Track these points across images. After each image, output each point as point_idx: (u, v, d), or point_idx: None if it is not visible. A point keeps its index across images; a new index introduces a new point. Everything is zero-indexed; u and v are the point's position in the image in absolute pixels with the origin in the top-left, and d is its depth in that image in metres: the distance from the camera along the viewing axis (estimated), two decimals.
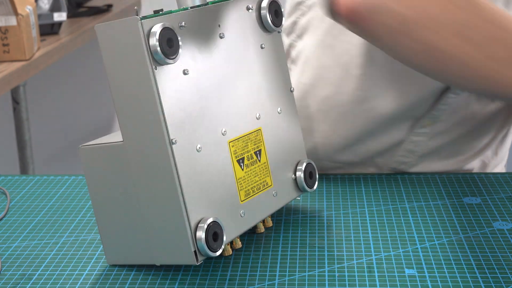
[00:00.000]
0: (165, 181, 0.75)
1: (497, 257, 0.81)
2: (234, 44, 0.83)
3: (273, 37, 0.88)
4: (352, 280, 0.77)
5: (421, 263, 0.80)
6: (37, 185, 1.04)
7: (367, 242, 0.85)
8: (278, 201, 0.87)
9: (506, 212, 0.92)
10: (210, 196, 0.78)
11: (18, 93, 2.15)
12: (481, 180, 1.01)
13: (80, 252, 0.85)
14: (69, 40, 2.17)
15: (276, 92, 0.88)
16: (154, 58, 0.74)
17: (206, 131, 0.78)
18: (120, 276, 0.80)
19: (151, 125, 0.75)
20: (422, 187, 0.99)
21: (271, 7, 0.87)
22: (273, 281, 0.78)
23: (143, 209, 0.77)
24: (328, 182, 1.02)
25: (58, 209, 0.97)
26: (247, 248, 0.85)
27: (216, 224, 0.77)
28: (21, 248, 0.87)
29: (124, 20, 0.73)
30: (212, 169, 0.79)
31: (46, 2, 2.15)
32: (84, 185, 1.04)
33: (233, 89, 0.82)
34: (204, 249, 0.75)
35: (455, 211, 0.92)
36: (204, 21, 0.80)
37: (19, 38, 1.86)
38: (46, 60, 2.00)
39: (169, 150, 0.74)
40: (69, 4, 2.42)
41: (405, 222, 0.90)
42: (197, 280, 0.78)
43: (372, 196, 0.97)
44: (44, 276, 0.80)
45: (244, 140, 0.83)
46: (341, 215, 0.92)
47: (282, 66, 0.89)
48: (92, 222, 0.93)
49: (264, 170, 0.85)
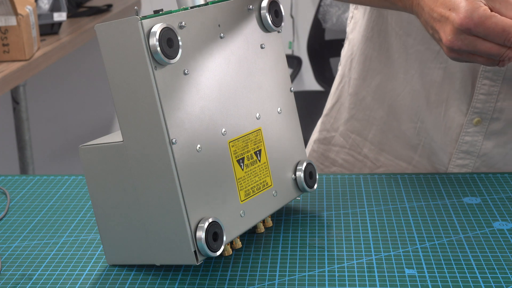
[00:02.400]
0: (165, 181, 0.75)
1: (497, 257, 0.81)
2: (234, 44, 0.83)
3: (273, 37, 0.88)
4: (352, 280, 0.77)
5: (421, 263, 0.80)
6: (37, 185, 1.04)
7: (367, 242, 0.85)
8: (278, 201, 0.87)
9: (506, 212, 0.92)
10: (210, 196, 0.78)
11: (18, 93, 2.15)
12: (481, 180, 1.01)
13: (80, 252, 0.85)
14: (69, 40, 2.17)
15: (276, 92, 0.88)
16: (154, 58, 0.74)
17: (206, 131, 0.78)
18: (120, 276, 0.80)
19: (151, 125, 0.75)
20: (422, 187, 0.99)
21: (271, 7, 0.87)
22: (273, 281, 0.78)
23: (143, 209, 0.77)
24: (328, 182, 1.02)
25: (58, 209, 0.97)
26: (247, 248, 0.85)
27: (216, 224, 0.77)
28: (21, 248, 0.87)
29: (124, 20, 0.73)
30: (212, 169, 0.79)
31: (46, 2, 2.15)
32: (84, 185, 1.04)
33: (233, 89, 0.82)
34: (204, 249, 0.75)
35: (455, 211, 0.92)
36: (204, 21, 0.80)
37: (19, 38, 1.86)
38: (46, 60, 2.00)
39: (169, 150, 0.74)
40: (69, 4, 2.42)
41: (405, 222, 0.90)
42: (197, 280, 0.78)
43: (372, 196, 0.97)
44: (44, 276, 0.80)
45: (244, 140, 0.83)
46: (341, 215, 0.92)
47: (282, 66, 0.89)
48: (92, 222, 0.93)
49: (264, 170, 0.85)
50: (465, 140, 1.06)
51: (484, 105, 1.04)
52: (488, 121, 1.05)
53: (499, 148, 1.06)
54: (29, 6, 1.92)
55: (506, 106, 1.04)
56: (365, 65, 1.12)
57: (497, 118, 1.05)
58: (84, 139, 2.73)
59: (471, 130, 1.05)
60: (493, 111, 1.04)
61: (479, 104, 1.04)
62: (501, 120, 1.05)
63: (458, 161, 1.07)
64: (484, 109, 1.04)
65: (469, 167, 1.07)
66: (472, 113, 1.05)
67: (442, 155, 1.08)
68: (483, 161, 1.07)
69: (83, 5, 2.57)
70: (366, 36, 1.12)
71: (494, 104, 1.04)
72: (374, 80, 1.11)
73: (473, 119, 1.05)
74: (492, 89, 1.03)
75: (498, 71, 1.02)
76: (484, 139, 1.06)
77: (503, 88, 1.03)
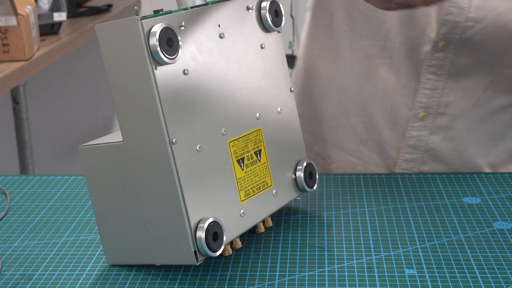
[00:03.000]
0: (165, 181, 0.75)
1: (497, 257, 0.81)
2: (234, 44, 0.83)
3: (273, 37, 0.88)
4: (352, 280, 0.77)
5: (421, 263, 0.80)
6: (37, 185, 1.04)
7: (367, 242, 0.85)
8: (278, 201, 0.87)
9: (506, 212, 0.92)
10: (210, 196, 0.78)
11: (18, 93, 2.15)
12: (481, 180, 1.01)
13: (80, 252, 0.85)
14: (69, 40, 2.17)
15: (276, 92, 0.88)
16: (154, 58, 0.74)
17: (206, 131, 0.78)
18: (120, 276, 0.80)
19: (151, 125, 0.75)
20: (422, 187, 0.99)
21: (271, 7, 0.87)
22: (273, 281, 0.78)
23: (143, 209, 0.77)
24: (328, 182, 1.02)
25: (58, 209, 0.97)
26: (247, 248, 0.85)
27: (216, 224, 0.77)
28: (21, 248, 0.87)
29: (124, 20, 0.73)
30: (212, 169, 0.79)
31: (46, 2, 2.15)
32: (84, 185, 1.04)
33: (233, 89, 0.82)
34: (204, 249, 0.75)
35: (455, 211, 0.92)
36: (204, 21, 0.80)
37: (19, 38, 1.86)
38: (46, 60, 2.00)
39: (169, 150, 0.74)
40: (69, 4, 2.42)
41: (405, 222, 0.90)
42: (197, 280, 0.78)
43: (372, 196, 0.97)
44: (44, 276, 0.80)
45: (244, 140, 0.83)
46: (341, 215, 0.92)
47: (282, 66, 0.89)
48: (92, 222, 0.93)
49: (264, 170, 0.85)
50: (411, 135, 1.07)
51: (429, 100, 1.05)
52: (434, 116, 1.06)
53: (446, 142, 1.07)
54: (29, 6, 1.92)
55: (451, 101, 1.05)
56: (311, 63, 1.14)
57: (443, 113, 1.06)
58: (84, 139, 2.73)
59: (417, 125, 1.07)
60: (439, 106, 1.05)
61: (424, 99, 1.05)
62: (447, 115, 1.06)
63: (406, 156, 1.09)
64: (429, 104, 1.05)
65: (417, 161, 1.08)
66: (417, 107, 1.06)
67: (391, 150, 1.09)
68: (431, 155, 1.08)
69: (83, 5, 2.57)
70: (310, 34, 1.13)
71: (439, 99, 1.05)
72: (321, 78, 1.12)
73: (418, 113, 1.06)
74: (437, 83, 1.04)
75: (442, 66, 1.03)
76: (431, 134, 1.07)
77: (448, 83, 1.04)
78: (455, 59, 1.03)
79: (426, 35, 1.03)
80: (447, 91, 1.04)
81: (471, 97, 1.04)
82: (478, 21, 1.01)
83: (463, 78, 1.04)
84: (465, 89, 1.04)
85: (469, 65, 1.03)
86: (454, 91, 1.04)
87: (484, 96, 1.05)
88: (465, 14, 1.01)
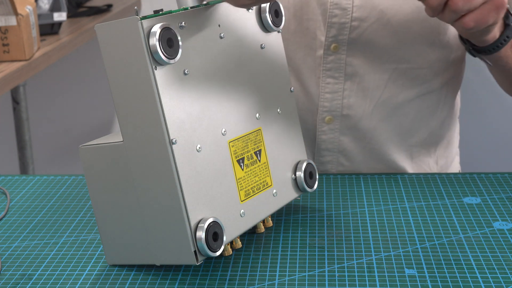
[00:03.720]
0: (165, 181, 0.75)
1: (497, 257, 0.81)
2: (234, 44, 0.83)
3: (273, 37, 0.88)
4: (352, 280, 0.77)
5: (421, 263, 0.80)
6: (37, 185, 1.04)
7: (367, 242, 0.85)
8: (278, 201, 0.87)
9: (506, 212, 0.92)
10: (210, 196, 0.78)
11: (18, 93, 2.15)
12: (481, 180, 1.01)
13: (80, 252, 0.85)
14: (69, 40, 2.17)
15: (276, 92, 0.88)
16: (154, 58, 0.74)
17: (206, 131, 0.78)
18: (120, 276, 0.80)
19: (151, 125, 0.75)
20: (422, 187, 0.99)
21: (271, 7, 0.87)
22: (273, 281, 0.78)
23: (143, 209, 0.77)
24: (328, 182, 1.02)
25: (58, 209, 0.97)
26: (247, 248, 0.85)
27: (216, 224, 0.77)
28: (21, 248, 0.87)
29: (124, 20, 0.73)
30: (212, 169, 0.78)
31: (46, 2, 2.15)
32: (84, 185, 1.04)
33: (233, 89, 0.82)
34: (204, 249, 0.75)
35: (455, 211, 0.92)
36: (204, 21, 0.80)
37: (19, 38, 1.86)
38: (46, 60, 2.00)
39: (169, 150, 0.74)
40: (69, 4, 2.42)
41: (405, 222, 0.90)
42: (197, 280, 0.78)
43: (372, 196, 0.97)
44: (44, 276, 0.80)
45: (244, 140, 0.83)
46: (341, 215, 0.92)
47: (282, 66, 0.89)
48: (92, 222, 0.93)
49: (264, 170, 0.85)
50: (322, 139, 1.09)
51: (332, 103, 1.07)
52: (339, 118, 1.08)
53: (356, 142, 1.09)
54: (29, 6, 1.92)
55: (353, 102, 1.07)
56: None
57: (347, 115, 1.07)
58: (84, 139, 2.73)
59: (326, 129, 1.08)
60: (342, 108, 1.07)
61: (327, 103, 1.07)
62: (352, 116, 1.08)
63: (320, 159, 1.10)
64: (332, 107, 1.07)
65: (333, 163, 1.10)
66: (322, 112, 1.08)
67: (308, 154, 1.11)
68: (345, 155, 1.10)
69: (83, 5, 2.57)
70: None
71: (341, 101, 1.07)
72: None
73: (324, 117, 1.08)
74: (336, 86, 1.06)
75: (338, 68, 1.05)
76: (340, 135, 1.09)
77: (347, 85, 1.06)
78: (348, 60, 1.05)
79: (317, 40, 1.05)
80: (347, 93, 1.06)
81: (373, 97, 1.07)
82: (363, 20, 1.03)
83: (361, 78, 1.06)
84: (365, 89, 1.06)
85: (364, 64, 1.05)
86: (354, 92, 1.06)
87: (385, 94, 1.07)
88: (349, 15, 1.03)
